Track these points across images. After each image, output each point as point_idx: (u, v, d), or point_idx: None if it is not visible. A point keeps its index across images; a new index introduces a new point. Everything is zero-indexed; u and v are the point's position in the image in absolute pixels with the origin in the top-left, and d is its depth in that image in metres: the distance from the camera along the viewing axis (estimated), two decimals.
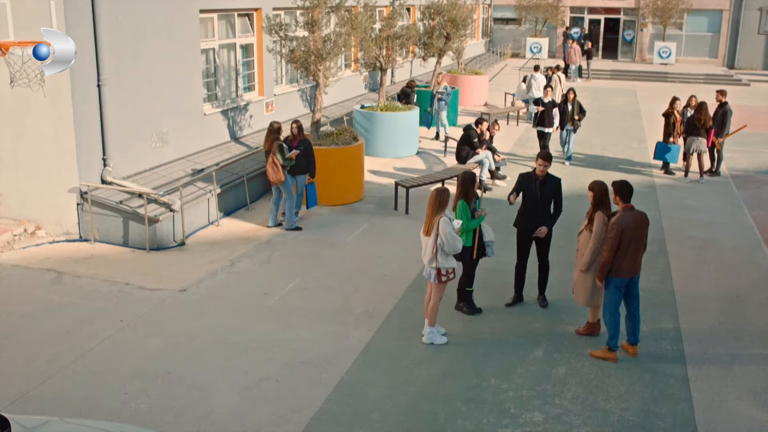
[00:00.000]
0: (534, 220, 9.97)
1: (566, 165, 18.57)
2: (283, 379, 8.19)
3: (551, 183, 9.99)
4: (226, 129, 16.05)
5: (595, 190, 8.91)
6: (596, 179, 9.16)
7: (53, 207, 12.34)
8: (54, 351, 8.68)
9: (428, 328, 9.09)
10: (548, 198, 9.95)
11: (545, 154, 10.01)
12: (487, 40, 44.29)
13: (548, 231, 9.97)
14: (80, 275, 10.92)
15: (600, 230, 8.74)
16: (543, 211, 9.98)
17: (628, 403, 7.90)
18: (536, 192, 9.93)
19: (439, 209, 8.73)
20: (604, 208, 8.85)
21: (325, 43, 14.97)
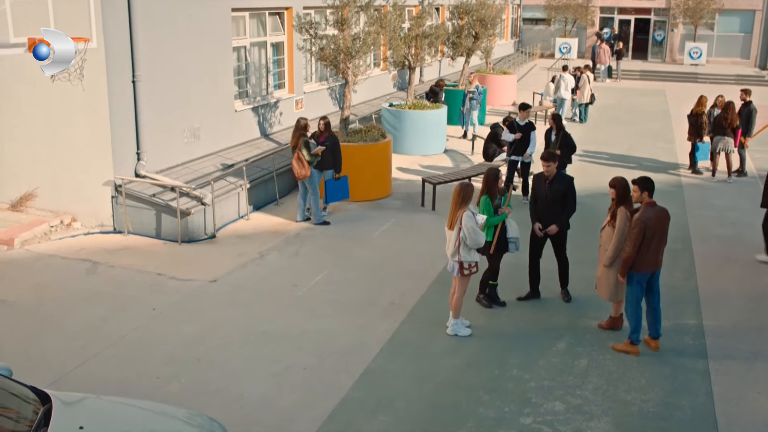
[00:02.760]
0: (544, 218, 10.02)
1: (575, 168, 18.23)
2: (311, 367, 8.40)
3: (560, 182, 10.03)
4: (257, 125, 16.34)
5: (617, 186, 8.97)
6: (617, 176, 9.23)
7: (88, 200, 12.67)
8: (89, 337, 8.97)
9: (452, 320, 9.26)
10: (558, 197, 9.96)
11: (546, 154, 10.05)
12: (516, 40, 44.30)
13: (559, 229, 10.02)
14: (114, 265, 11.23)
15: (623, 226, 8.82)
16: (554, 209, 10.00)
17: (648, 395, 8.02)
18: (545, 191, 9.99)
19: (463, 203, 8.89)
20: (627, 204, 8.91)
21: (355, 41, 15.19)
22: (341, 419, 7.44)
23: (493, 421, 7.45)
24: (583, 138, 21.91)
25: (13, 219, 12.65)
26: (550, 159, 10.00)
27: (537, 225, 10.08)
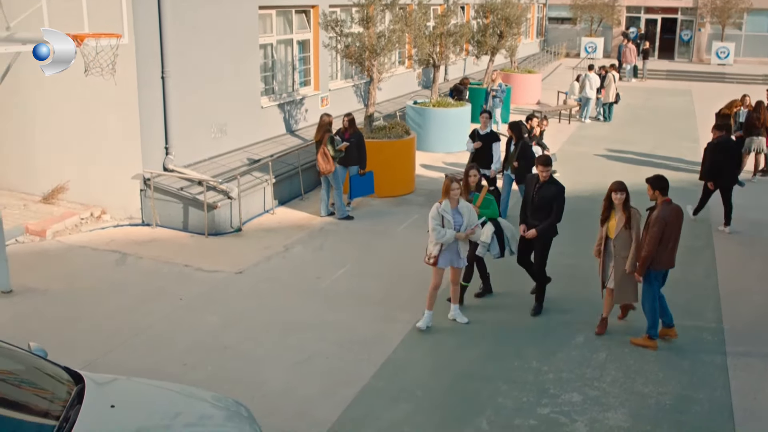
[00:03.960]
0: (530, 222, 9.65)
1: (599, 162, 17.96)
2: (333, 357, 8.59)
3: (549, 189, 9.55)
4: (282, 122, 16.57)
5: (625, 189, 8.87)
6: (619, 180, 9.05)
7: (118, 193, 12.96)
8: (118, 325, 9.22)
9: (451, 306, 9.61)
10: (543, 203, 9.52)
11: (544, 159, 9.66)
12: (541, 40, 44.25)
13: (538, 236, 9.56)
14: (142, 257, 11.49)
15: (639, 228, 8.85)
16: (537, 215, 9.58)
17: (665, 388, 8.12)
18: (533, 195, 9.63)
19: (442, 196, 9.11)
20: (628, 205, 8.90)
21: (380, 39, 15.38)
22: (362, 407, 7.62)
23: (511, 411, 7.59)
24: (608, 137, 21.98)
25: (45, 211, 12.97)
26: (548, 164, 9.56)
27: (522, 226, 9.71)
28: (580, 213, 13.37)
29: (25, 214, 12.74)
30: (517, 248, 9.98)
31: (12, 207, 12.84)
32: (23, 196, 13.53)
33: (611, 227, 8.92)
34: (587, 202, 14.44)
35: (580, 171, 17.62)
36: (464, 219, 9.04)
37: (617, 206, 8.87)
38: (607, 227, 8.98)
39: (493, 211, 9.93)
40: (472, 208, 9.26)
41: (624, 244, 8.86)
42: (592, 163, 18.69)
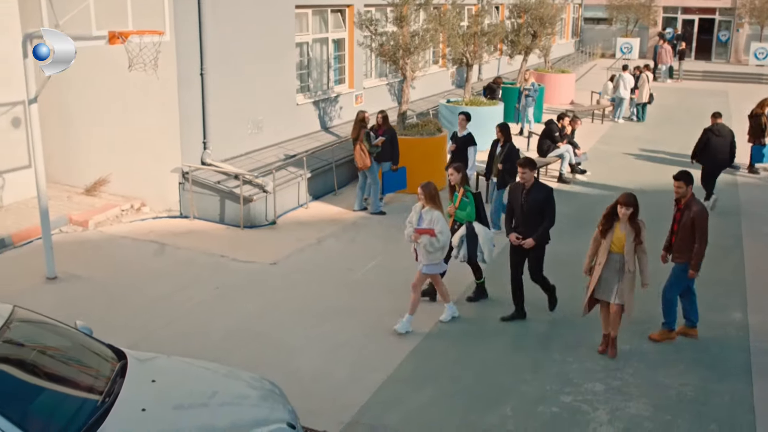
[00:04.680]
0: (522, 231, 9.33)
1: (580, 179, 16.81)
2: (362, 345, 8.87)
3: (537, 192, 9.23)
4: (317, 119, 16.90)
5: (633, 204, 8.46)
6: (630, 192, 8.70)
7: (157, 186, 13.38)
8: (156, 311, 9.59)
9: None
10: (534, 208, 9.19)
11: (524, 160, 9.26)
12: (576, 40, 44.19)
13: (536, 243, 9.26)
14: (180, 247, 11.88)
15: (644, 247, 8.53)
16: (531, 221, 9.26)
17: (687, 380, 8.29)
18: (522, 201, 9.27)
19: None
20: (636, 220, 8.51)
21: (413, 38, 15.64)
22: (389, 392, 7.90)
23: (535, 398, 7.82)
24: (640, 137, 22.03)
25: (88, 203, 13.43)
26: (526, 165, 9.18)
27: (513, 235, 9.38)
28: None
29: (69, 206, 13.20)
30: (511, 264, 9.55)
31: (56, 199, 13.30)
32: (67, 189, 14.01)
33: (617, 242, 8.45)
34: (614, 199, 14.52)
35: (610, 170, 17.73)
36: (423, 224, 9.02)
37: (623, 220, 8.44)
38: (610, 241, 8.48)
39: (469, 214, 9.77)
40: (439, 218, 8.98)
41: (634, 259, 8.47)
42: (623, 162, 18.78)
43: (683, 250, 8.95)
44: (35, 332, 6.03)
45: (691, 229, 8.82)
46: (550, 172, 17.14)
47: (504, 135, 13.13)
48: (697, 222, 8.78)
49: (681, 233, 8.95)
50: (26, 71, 9.78)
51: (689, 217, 8.83)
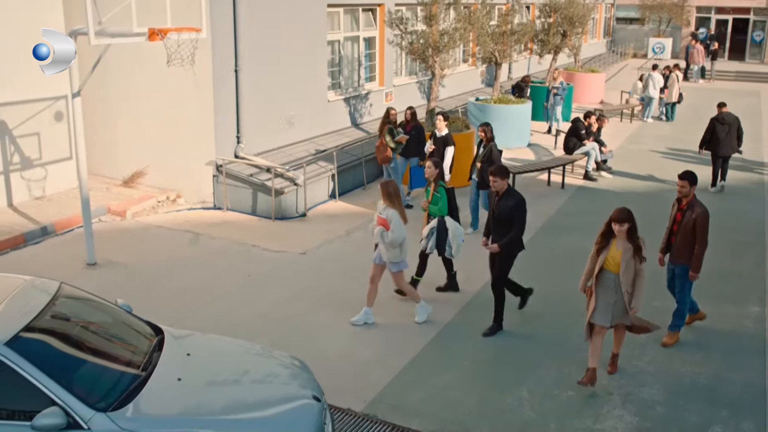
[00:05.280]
0: (493, 236, 9.24)
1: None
2: (387, 329, 9.23)
3: (507, 199, 9.04)
4: (348, 115, 17.29)
5: (630, 219, 7.85)
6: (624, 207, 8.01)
7: (192, 178, 13.86)
8: (190, 296, 10.03)
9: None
10: (504, 215, 9.04)
11: (495, 168, 9.12)
12: (608, 40, 44.16)
13: (499, 250, 9.09)
14: (214, 237, 12.33)
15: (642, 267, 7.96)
16: (500, 228, 9.12)
17: (702, 369, 8.53)
18: (493, 207, 9.25)
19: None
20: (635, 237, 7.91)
21: (442, 36, 15.97)
22: (412, 372, 8.25)
23: (552, 381, 8.13)
24: (668, 136, 22.14)
25: (126, 194, 13.95)
26: (497, 174, 9.02)
27: (483, 239, 9.40)
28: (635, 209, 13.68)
29: (108, 196, 13.73)
30: (490, 269, 9.43)
31: (96, 190, 13.82)
32: (106, 180, 14.54)
33: (611, 260, 7.89)
34: (639, 198, 14.77)
35: (636, 168, 17.90)
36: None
37: (619, 237, 7.87)
38: (604, 259, 7.92)
39: (441, 208, 9.97)
40: (395, 216, 9.05)
41: (631, 280, 7.88)
42: (649, 161, 18.93)
43: (683, 252, 8.89)
44: (80, 307, 6.48)
45: (692, 230, 8.77)
46: (576, 169, 17.35)
47: (486, 135, 13.02)
48: (699, 224, 8.74)
49: (681, 234, 8.88)
50: (70, 66, 10.26)
51: (691, 218, 8.78)
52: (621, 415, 7.61)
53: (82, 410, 5.23)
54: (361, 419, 7.38)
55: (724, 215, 14.37)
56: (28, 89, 12.90)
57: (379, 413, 7.48)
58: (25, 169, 13.29)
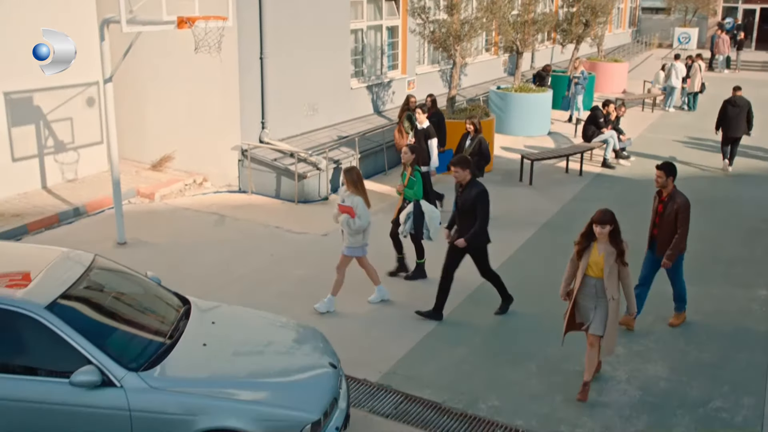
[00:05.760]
0: (459, 228, 9.26)
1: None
2: (403, 307, 9.60)
3: (470, 192, 9.03)
4: (370, 102, 17.65)
5: (613, 221, 7.45)
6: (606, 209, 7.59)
7: (218, 162, 14.31)
8: (215, 273, 10.48)
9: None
10: (467, 206, 9.05)
11: (456, 159, 9.15)
12: (633, 30, 44.07)
13: (467, 245, 9.11)
14: (239, 219, 12.78)
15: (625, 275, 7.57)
16: (464, 220, 9.15)
17: (706, 348, 8.84)
18: (457, 199, 9.28)
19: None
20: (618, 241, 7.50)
21: (463, 25, 16.27)
22: (425, 349, 8.64)
23: (559, 358, 8.46)
24: (689, 125, 22.27)
25: (154, 177, 14.43)
26: (458, 164, 9.00)
27: (447, 231, 9.41)
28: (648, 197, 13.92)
29: (137, 179, 14.22)
30: (446, 258, 9.40)
31: (126, 173, 14.30)
32: (135, 164, 15.04)
33: (594, 265, 7.49)
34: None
35: (655, 157, 18.06)
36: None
37: (601, 240, 7.47)
38: (586, 264, 7.53)
39: (416, 192, 10.18)
40: (360, 203, 9.15)
41: (616, 285, 7.50)
42: (668, 149, 19.08)
43: (668, 243, 8.91)
44: (112, 278, 6.93)
45: (675, 221, 8.80)
46: (595, 157, 17.59)
47: (475, 127, 13.08)
48: (680, 213, 8.78)
49: (665, 225, 8.88)
50: (102, 54, 10.74)
51: (673, 209, 8.79)
52: (625, 389, 7.94)
53: (116, 369, 5.68)
54: (376, 388, 7.78)
55: (736, 202, 14.62)
56: (62, 76, 13.28)
57: (393, 383, 7.87)
58: (58, 152, 13.80)
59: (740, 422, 7.40)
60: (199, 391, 5.77)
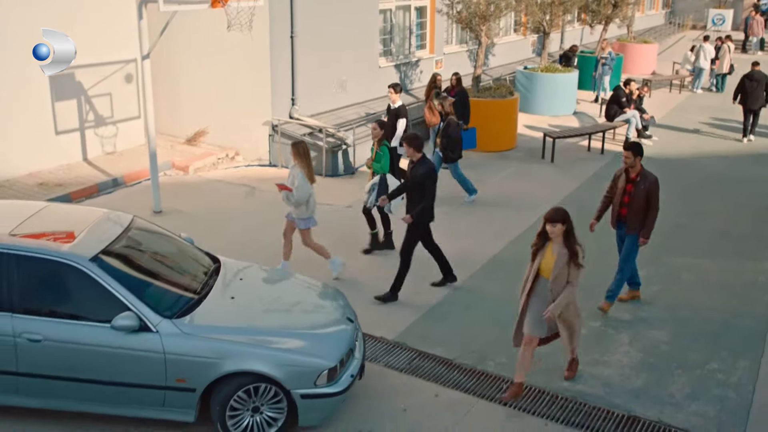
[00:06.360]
0: (407, 204, 9.54)
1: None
2: (421, 273, 10.05)
3: (418, 169, 9.16)
4: (398, 81, 18.09)
5: (565, 221, 7.09)
6: (559, 207, 7.29)
7: (249, 137, 14.91)
8: (245, 240, 11.09)
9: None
10: (416, 183, 9.19)
11: (407, 136, 9.34)
12: (667, 11, 43.86)
13: (412, 221, 9.29)
14: (268, 191, 13.35)
15: (578, 276, 7.16)
16: (413, 197, 9.32)
17: (709, 315, 9.27)
18: (408, 176, 9.43)
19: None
20: (571, 241, 7.14)
21: (489, 5, 16.66)
22: (439, 312, 9.19)
23: None
24: (716, 107, 22.45)
25: (189, 151, 15.08)
26: (405, 141, 9.28)
27: (405, 216, 9.50)
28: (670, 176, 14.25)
29: (172, 153, 14.88)
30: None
31: (162, 147, 14.92)
32: (170, 139, 15.69)
33: (545, 266, 7.18)
34: (678, 164, 15.35)
35: (678, 137, 18.40)
36: (289, 179, 9.70)
37: (554, 240, 7.12)
38: (539, 265, 7.22)
39: (383, 166, 10.58)
40: (299, 174, 9.53)
41: (562, 287, 7.12)
42: (692, 130, 19.34)
43: (637, 222, 8.96)
44: (149, 237, 7.55)
45: (645, 200, 8.84)
46: (617, 136, 17.91)
47: (444, 108, 13.03)
48: (651, 193, 8.83)
49: (635, 205, 8.91)
50: (140, 31, 11.34)
51: (644, 188, 8.84)
52: (627, 351, 8.42)
53: (152, 316, 6.29)
54: (392, 346, 8.35)
55: (753, 181, 14.91)
56: (102, 53, 14.02)
57: (407, 342, 8.43)
58: (98, 126, 14.47)
59: (734, 382, 7.83)
60: (226, 337, 6.36)
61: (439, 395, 7.47)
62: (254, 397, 6.36)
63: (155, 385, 6.28)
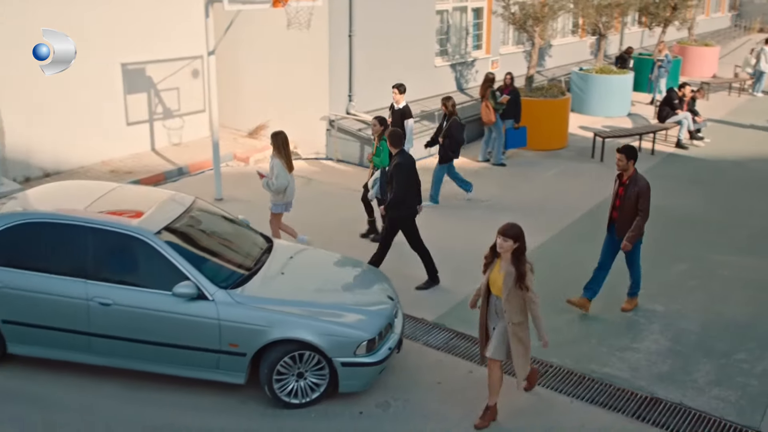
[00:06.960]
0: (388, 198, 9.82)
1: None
2: (463, 260, 10.52)
3: (393, 161, 9.66)
4: (453, 80, 18.62)
5: (518, 237, 6.70)
6: (513, 223, 6.93)
7: (308, 131, 15.59)
8: (301, 226, 11.46)
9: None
10: (390, 179, 9.60)
11: (388, 133, 9.82)
12: (734, 14, 43.31)
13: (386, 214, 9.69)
14: (324, 182, 14.06)
15: (532, 291, 6.69)
16: (389, 191, 9.75)
17: (742, 310, 9.54)
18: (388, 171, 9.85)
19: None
20: (521, 259, 6.73)
21: (543, 7, 17.04)
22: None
23: (600, 310, 9.32)
24: None
25: (249, 144, 15.84)
26: (389, 137, 9.72)
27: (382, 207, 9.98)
28: (719, 178, 14.44)
29: (234, 145, 15.64)
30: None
31: (224, 139, 15.70)
32: (233, 132, 16.47)
33: (494, 281, 6.81)
34: (729, 167, 15.57)
35: (730, 141, 18.44)
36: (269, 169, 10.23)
37: (503, 256, 6.71)
38: (487, 279, 6.87)
39: (383, 159, 10.87)
40: (277, 164, 10.06)
41: (519, 308, 6.71)
42: (747, 134, 19.37)
43: (627, 226, 8.93)
44: (209, 217, 8.25)
45: (635, 204, 8.83)
46: (669, 138, 18.08)
47: (448, 109, 13.05)
48: (641, 196, 8.80)
49: (626, 208, 8.90)
50: (206, 29, 12.07)
51: (634, 191, 8.81)
52: (657, 338, 8.79)
53: (209, 286, 6.95)
54: (431, 326, 8.89)
55: None
56: (171, 49, 14.85)
57: (446, 323, 8.95)
58: (165, 119, 15.32)
59: (759, 372, 8.14)
60: (275, 308, 6.98)
61: (473, 372, 7.97)
62: (299, 364, 6.97)
63: (210, 349, 6.94)
